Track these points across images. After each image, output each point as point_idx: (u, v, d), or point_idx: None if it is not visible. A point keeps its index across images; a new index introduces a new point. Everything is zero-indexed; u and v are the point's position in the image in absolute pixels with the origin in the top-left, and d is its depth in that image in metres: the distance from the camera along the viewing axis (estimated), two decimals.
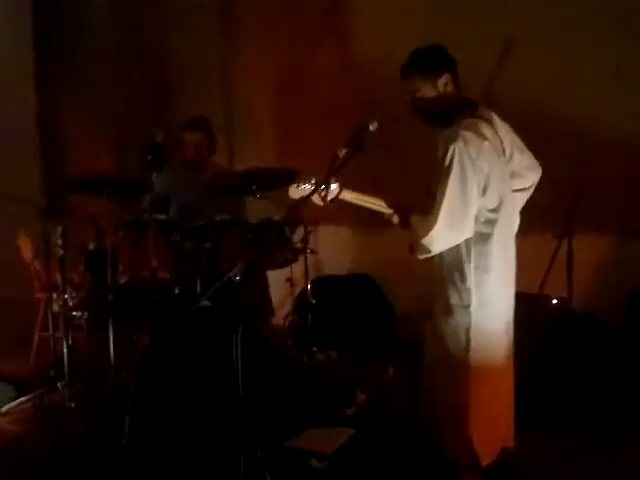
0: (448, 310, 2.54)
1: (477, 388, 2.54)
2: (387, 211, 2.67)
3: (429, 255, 2.51)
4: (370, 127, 2.55)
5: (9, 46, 5.07)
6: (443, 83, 2.54)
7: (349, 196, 2.64)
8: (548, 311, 3.71)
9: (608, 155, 3.90)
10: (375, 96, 4.52)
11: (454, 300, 2.53)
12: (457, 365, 2.54)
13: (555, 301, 3.76)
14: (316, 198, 2.57)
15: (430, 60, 2.56)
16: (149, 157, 3.32)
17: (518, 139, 2.66)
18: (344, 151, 2.50)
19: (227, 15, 5.35)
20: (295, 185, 2.65)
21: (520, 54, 3.99)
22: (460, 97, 2.58)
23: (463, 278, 2.51)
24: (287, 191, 2.67)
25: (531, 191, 2.74)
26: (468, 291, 2.51)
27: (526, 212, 2.75)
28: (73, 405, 3.56)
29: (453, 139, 2.41)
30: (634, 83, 3.90)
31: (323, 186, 2.54)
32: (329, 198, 2.59)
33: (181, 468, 2.86)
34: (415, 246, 2.52)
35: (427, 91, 2.54)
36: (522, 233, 2.73)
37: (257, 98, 5.20)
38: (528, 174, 2.70)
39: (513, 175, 2.64)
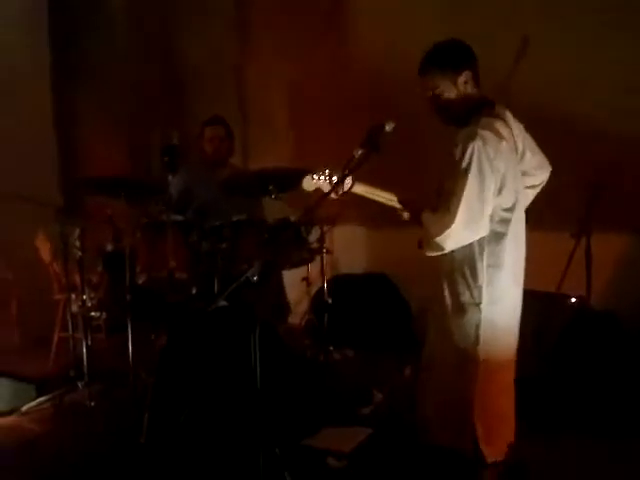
0: (458, 307, 2.52)
1: (485, 384, 2.53)
2: (398, 206, 2.65)
3: (439, 253, 2.50)
4: (386, 127, 2.53)
5: (25, 46, 5.10)
6: (463, 81, 2.48)
7: (361, 189, 2.61)
8: (566, 310, 3.69)
9: (626, 153, 3.86)
10: (390, 94, 4.52)
11: (465, 297, 2.51)
12: (466, 361, 2.52)
13: (573, 300, 3.73)
14: (329, 190, 2.55)
15: (450, 56, 2.50)
16: (165, 159, 3.34)
17: (531, 139, 2.65)
18: (360, 151, 2.49)
19: (241, 16, 5.36)
20: (309, 176, 2.63)
21: (536, 52, 3.96)
22: (479, 96, 2.54)
23: (475, 276, 2.49)
24: (302, 189, 2.68)
25: (539, 189, 2.73)
26: (479, 288, 2.49)
27: (544, 210, 2.74)
28: (92, 404, 3.59)
29: (472, 138, 2.38)
30: None
31: (336, 179, 2.54)
32: (342, 191, 2.56)
33: (200, 466, 2.87)
34: (426, 243, 2.50)
35: (446, 88, 2.48)
36: (540, 231, 2.72)
37: (271, 98, 5.21)
38: (537, 173, 2.69)
39: (523, 174, 2.63)
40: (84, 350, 3.73)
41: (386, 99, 4.48)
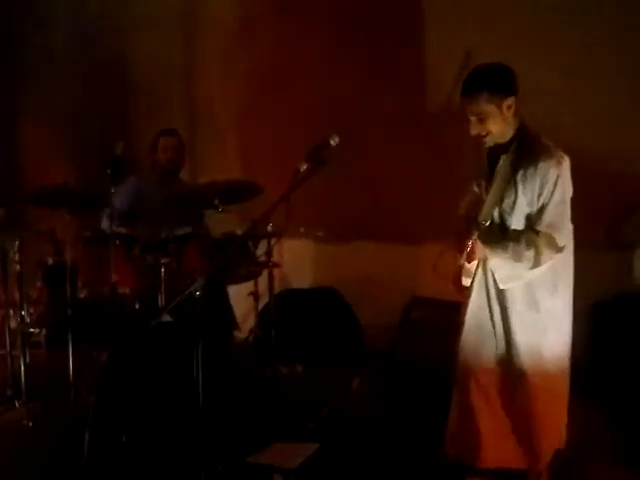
0: (541, 329, 2.55)
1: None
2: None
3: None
4: (331, 141, 2.56)
5: None
6: (507, 106, 2.45)
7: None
8: None
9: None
10: (340, 109, 4.57)
11: (547, 314, 2.55)
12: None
13: None
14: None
15: (499, 80, 2.46)
16: (108, 171, 3.30)
17: None
18: (305, 166, 2.50)
19: (190, 27, 5.33)
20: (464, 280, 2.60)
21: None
22: (519, 121, 2.54)
23: (555, 289, 2.55)
24: (253, 206, 2.63)
25: None
26: (564, 302, 2.58)
27: None
28: (30, 424, 3.46)
29: (560, 163, 2.45)
30: (586, 87, 3.99)
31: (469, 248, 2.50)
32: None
33: None
34: (513, 277, 2.50)
35: (491, 113, 2.44)
36: None
37: (221, 111, 5.18)
38: None
39: None
40: (22, 367, 3.61)
41: (333, 113, 4.52)
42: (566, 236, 2.50)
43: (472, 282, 2.63)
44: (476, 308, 2.64)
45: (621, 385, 3.53)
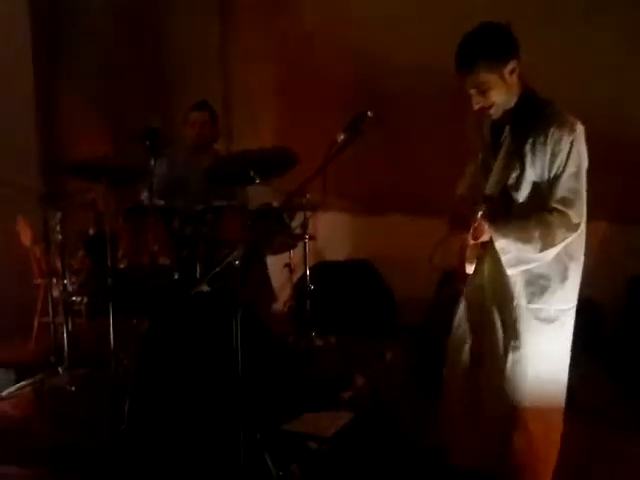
0: (546, 319, 2.28)
1: None
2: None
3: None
4: (369, 112, 2.54)
5: (5, 30, 5.02)
6: (509, 70, 2.17)
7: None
8: None
9: (604, 140, 3.90)
10: (376, 81, 4.53)
11: (554, 305, 2.28)
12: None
13: None
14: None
15: (496, 45, 2.16)
16: (146, 143, 3.33)
17: None
18: (342, 136, 2.50)
19: (226, 2, 5.32)
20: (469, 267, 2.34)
21: None
22: (524, 86, 2.25)
23: (565, 276, 2.26)
24: (288, 179, 2.61)
25: None
26: (573, 288, 2.30)
27: None
28: (73, 389, 3.57)
29: (573, 129, 2.16)
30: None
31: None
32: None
33: (181, 450, 2.87)
34: (523, 261, 2.20)
35: (493, 83, 2.17)
36: None
37: (255, 82, 5.18)
38: None
39: None
40: (65, 335, 3.71)
41: (369, 83, 4.49)
42: (581, 213, 2.17)
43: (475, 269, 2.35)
44: (472, 293, 2.44)
45: None
